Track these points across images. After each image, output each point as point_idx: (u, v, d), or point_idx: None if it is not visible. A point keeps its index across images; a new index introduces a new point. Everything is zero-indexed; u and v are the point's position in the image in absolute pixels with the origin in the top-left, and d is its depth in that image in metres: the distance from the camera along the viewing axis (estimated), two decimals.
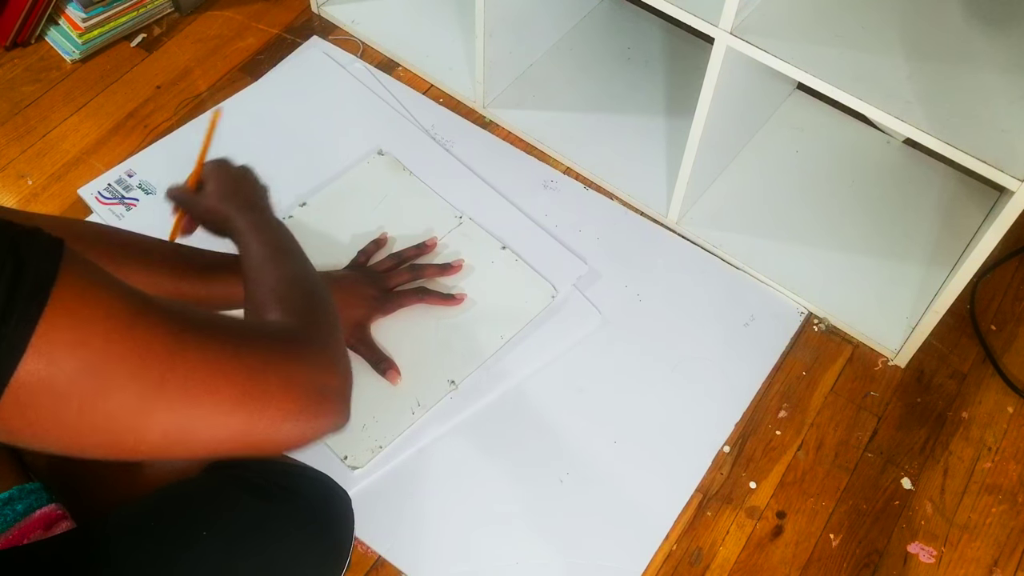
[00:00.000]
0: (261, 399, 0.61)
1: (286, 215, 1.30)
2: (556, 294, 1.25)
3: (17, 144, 1.40)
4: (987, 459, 1.16)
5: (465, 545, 1.07)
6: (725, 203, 1.35)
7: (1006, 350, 1.25)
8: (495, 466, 1.12)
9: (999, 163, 0.99)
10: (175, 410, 0.57)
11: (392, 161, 1.37)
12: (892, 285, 1.28)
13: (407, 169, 1.36)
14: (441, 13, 1.57)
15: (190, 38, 1.55)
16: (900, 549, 1.10)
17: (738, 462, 1.14)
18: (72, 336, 0.52)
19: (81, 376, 0.53)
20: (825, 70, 1.06)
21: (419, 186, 1.35)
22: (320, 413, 0.65)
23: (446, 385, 1.16)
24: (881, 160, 1.40)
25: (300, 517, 0.81)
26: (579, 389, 1.18)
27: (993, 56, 1.08)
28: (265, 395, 0.61)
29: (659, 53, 1.53)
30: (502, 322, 1.22)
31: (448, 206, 1.33)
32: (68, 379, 0.52)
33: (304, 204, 1.32)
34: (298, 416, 0.63)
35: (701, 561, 1.08)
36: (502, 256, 1.28)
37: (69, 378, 0.52)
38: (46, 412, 0.53)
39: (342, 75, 1.49)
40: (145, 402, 0.56)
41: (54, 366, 0.52)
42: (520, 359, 1.19)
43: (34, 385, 0.51)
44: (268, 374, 0.62)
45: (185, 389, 0.57)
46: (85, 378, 0.53)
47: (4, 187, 1.36)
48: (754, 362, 1.22)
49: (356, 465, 1.10)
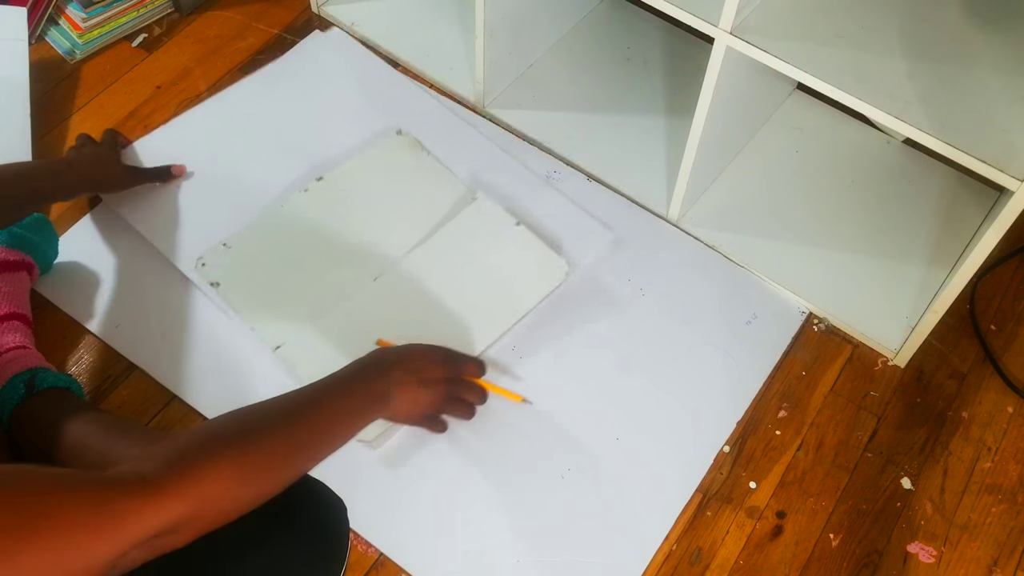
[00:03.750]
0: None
1: (302, 188, 1.31)
2: (570, 270, 1.26)
3: None
4: (987, 459, 1.16)
5: (466, 542, 1.07)
6: (725, 203, 1.35)
7: (1006, 350, 1.25)
8: (496, 463, 1.12)
9: (999, 163, 0.99)
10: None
11: (411, 141, 1.38)
12: (892, 285, 1.28)
13: (425, 149, 1.37)
14: (441, 13, 1.57)
15: (190, 38, 1.55)
16: (900, 549, 1.10)
17: (738, 462, 1.14)
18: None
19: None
20: (825, 70, 1.06)
21: (435, 165, 1.36)
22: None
23: None
24: (881, 160, 1.41)
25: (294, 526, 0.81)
26: (580, 386, 1.18)
27: (993, 56, 1.08)
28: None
29: (659, 53, 1.53)
30: (516, 299, 1.23)
31: (462, 184, 1.34)
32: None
33: (320, 178, 1.33)
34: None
35: (701, 561, 1.08)
36: (516, 232, 1.29)
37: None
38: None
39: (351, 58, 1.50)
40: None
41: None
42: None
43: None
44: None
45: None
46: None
47: None
48: (756, 360, 1.22)
49: (365, 439, 1.09)
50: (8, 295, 1.12)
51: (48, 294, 1.22)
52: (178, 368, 1.17)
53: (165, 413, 1.15)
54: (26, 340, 1.09)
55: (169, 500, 0.68)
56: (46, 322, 1.20)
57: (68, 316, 1.21)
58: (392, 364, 1.01)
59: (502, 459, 1.12)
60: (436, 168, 1.36)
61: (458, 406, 1.11)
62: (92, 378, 1.17)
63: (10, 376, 1.02)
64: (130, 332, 1.20)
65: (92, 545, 0.63)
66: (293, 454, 0.81)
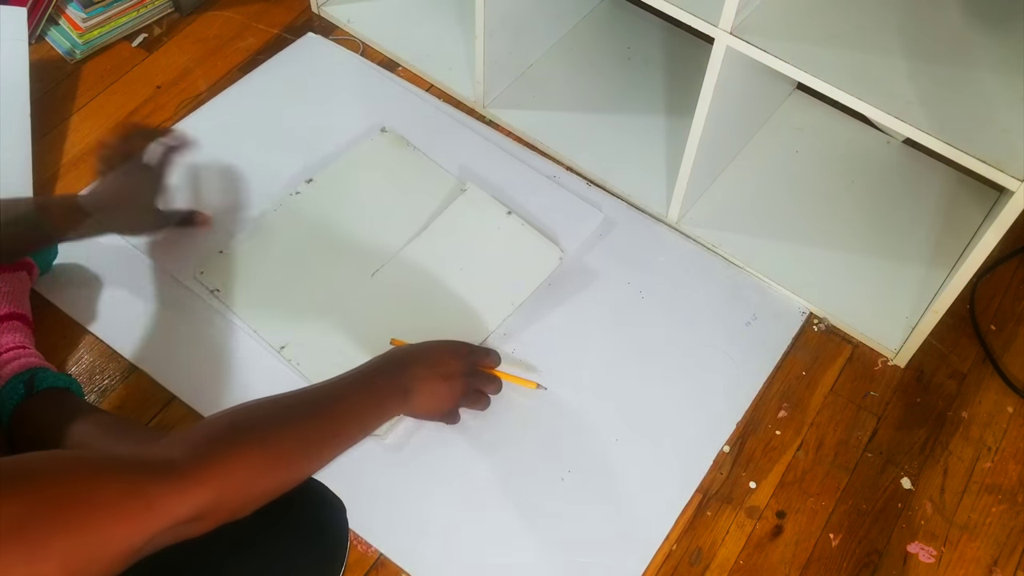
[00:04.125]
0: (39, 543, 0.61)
1: (293, 191, 1.31)
2: (563, 255, 1.27)
3: None
4: (987, 459, 1.16)
5: (465, 543, 1.07)
6: (724, 203, 1.35)
7: (1006, 350, 1.25)
8: (496, 464, 1.12)
9: (999, 163, 0.99)
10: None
11: (396, 137, 1.39)
12: (892, 285, 1.28)
13: (410, 144, 1.38)
14: (441, 13, 1.57)
15: (190, 38, 1.55)
16: (900, 549, 1.10)
17: (738, 462, 1.14)
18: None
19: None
20: (825, 70, 1.06)
21: (423, 160, 1.37)
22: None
23: None
24: (881, 160, 1.41)
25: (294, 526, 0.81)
26: (580, 387, 1.18)
27: (993, 56, 1.08)
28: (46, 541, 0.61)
29: (659, 53, 1.53)
30: (512, 288, 1.24)
31: (451, 177, 1.35)
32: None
33: (310, 180, 1.33)
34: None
35: (701, 561, 1.08)
36: (508, 222, 1.30)
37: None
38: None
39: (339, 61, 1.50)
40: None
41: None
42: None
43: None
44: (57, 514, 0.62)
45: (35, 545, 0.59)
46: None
47: None
48: (756, 361, 1.22)
49: (377, 432, 1.09)
50: (8, 295, 1.12)
51: (48, 294, 1.22)
52: (178, 368, 1.17)
53: (165, 413, 1.15)
54: (26, 340, 1.09)
55: (197, 487, 0.69)
56: (46, 322, 1.20)
57: (68, 316, 1.21)
58: (413, 359, 1.02)
59: (502, 460, 1.12)
60: (423, 162, 1.37)
61: (476, 398, 1.12)
62: (92, 378, 1.17)
63: (10, 376, 1.02)
64: (130, 332, 1.20)
65: (122, 531, 0.64)
66: (315, 447, 0.82)
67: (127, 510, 0.64)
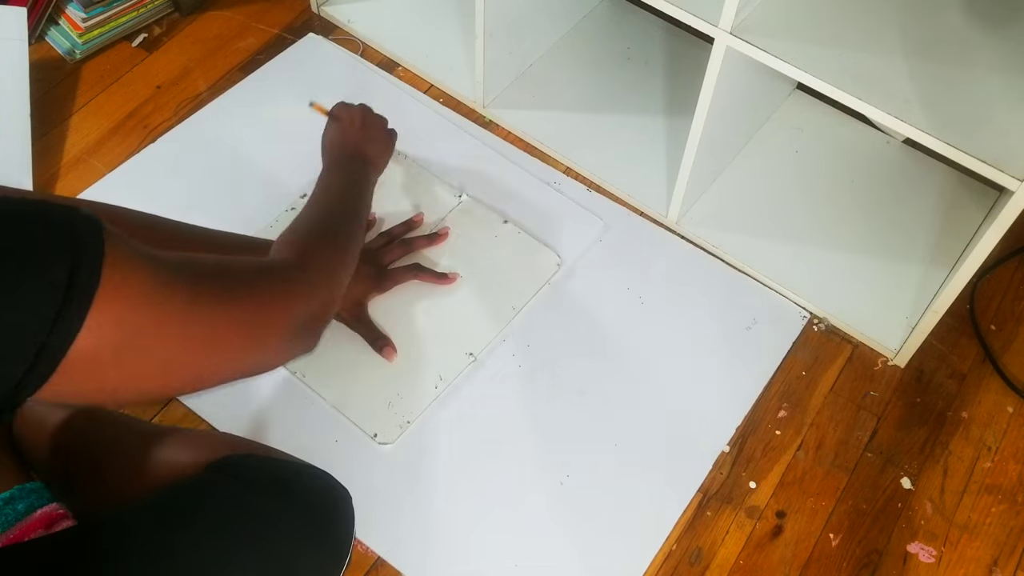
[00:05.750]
0: (265, 335, 0.72)
1: (288, 207, 1.31)
2: (561, 262, 1.27)
3: None
4: (987, 459, 1.16)
5: (465, 546, 1.07)
6: (724, 203, 1.35)
7: (1006, 350, 1.25)
8: (496, 467, 1.12)
9: (999, 163, 0.99)
10: (199, 359, 0.66)
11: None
12: (892, 285, 1.28)
13: (403, 153, 1.37)
14: (441, 13, 1.57)
15: (190, 38, 1.55)
16: (900, 549, 1.10)
17: (738, 462, 1.14)
18: (118, 314, 0.58)
19: (122, 346, 0.58)
20: (825, 70, 1.06)
21: (417, 169, 1.36)
22: (304, 340, 0.77)
23: (465, 358, 1.18)
24: (881, 160, 1.41)
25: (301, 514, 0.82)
26: (580, 391, 1.18)
27: (993, 56, 1.08)
28: (268, 331, 0.72)
29: (659, 53, 1.53)
30: (512, 294, 1.24)
31: (447, 186, 1.34)
32: (112, 350, 0.58)
33: (304, 196, 1.32)
34: (290, 344, 0.75)
35: (701, 561, 1.08)
36: (505, 230, 1.30)
37: (113, 349, 0.58)
38: (91, 377, 0.58)
39: (339, 62, 1.50)
40: (173, 358, 0.63)
41: (102, 341, 0.57)
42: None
43: (83, 358, 0.56)
44: (271, 312, 0.72)
45: (206, 342, 0.66)
46: (125, 348, 0.59)
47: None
48: (756, 366, 1.21)
49: (386, 441, 1.11)
50: None
51: None
52: None
53: (165, 413, 1.15)
54: None
55: (316, 289, 0.80)
56: None
57: None
58: (344, 143, 1.16)
59: (501, 462, 1.12)
60: (419, 173, 1.36)
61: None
62: None
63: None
64: None
65: (281, 319, 0.73)
66: (352, 251, 0.96)
67: (285, 300, 0.75)
